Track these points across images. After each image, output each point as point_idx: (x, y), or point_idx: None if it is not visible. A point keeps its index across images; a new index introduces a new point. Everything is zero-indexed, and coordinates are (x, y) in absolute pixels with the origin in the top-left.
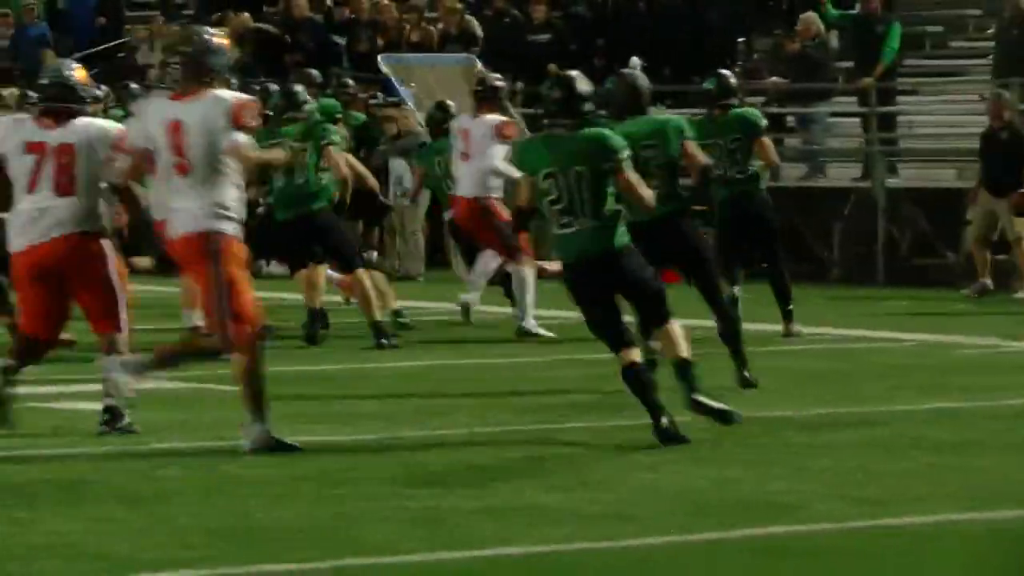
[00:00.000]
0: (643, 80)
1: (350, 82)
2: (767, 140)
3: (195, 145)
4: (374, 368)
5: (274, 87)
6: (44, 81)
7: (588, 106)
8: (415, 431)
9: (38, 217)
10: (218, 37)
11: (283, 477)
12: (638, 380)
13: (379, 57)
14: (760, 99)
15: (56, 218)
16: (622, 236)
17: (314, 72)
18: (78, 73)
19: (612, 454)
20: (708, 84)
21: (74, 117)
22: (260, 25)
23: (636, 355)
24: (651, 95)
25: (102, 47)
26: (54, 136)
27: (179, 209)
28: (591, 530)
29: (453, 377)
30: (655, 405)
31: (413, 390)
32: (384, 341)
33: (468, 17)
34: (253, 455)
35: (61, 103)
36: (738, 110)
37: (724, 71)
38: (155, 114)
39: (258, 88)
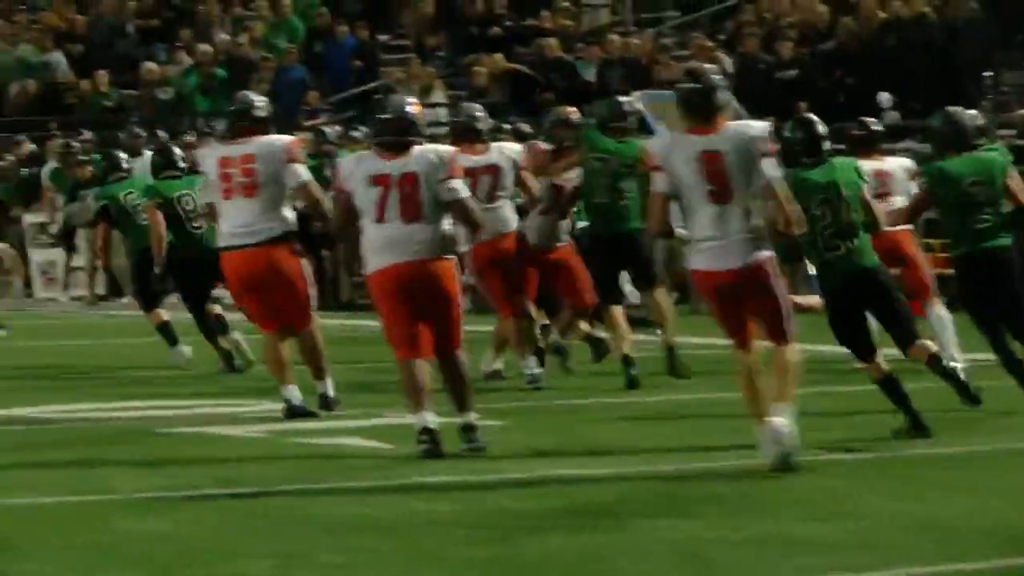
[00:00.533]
0: (967, 117)
1: None
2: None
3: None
4: (630, 402)
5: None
6: (386, 116)
7: (826, 144)
8: (674, 464)
9: (390, 244)
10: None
11: (546, 510)
12: (895, 388)
13: (635, 93)
14: (1011, 131)
15: (408, 243)
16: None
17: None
18: (415, 108)
19: (862, 483)
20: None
21: (410, 148)
22: (513, 65)
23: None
24: (976, 131)
25: (358, 90)
26: (396, 167)
27: None
28: (844, 559)
29: (709, 410)
30: (911, 409)
31: (670, 423)
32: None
33: (718, 54)
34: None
35: (402, 136)
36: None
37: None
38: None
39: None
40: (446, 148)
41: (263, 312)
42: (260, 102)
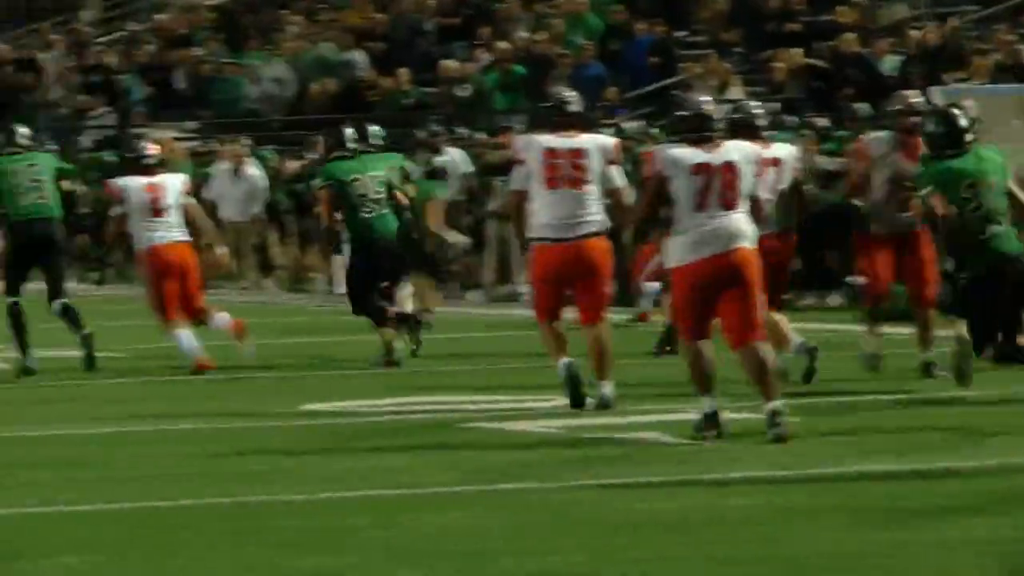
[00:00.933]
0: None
1: None
2: None
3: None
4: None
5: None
6: (684, 114)
7: (969, 136)
8: (974, 461)
9: (714, 231)
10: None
11: (844, 506)
12: None
13: (930, 89)
14: None
15: (730, 231)
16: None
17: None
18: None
19: None
20: None
21: (717, 141)
22: (811, 60)
23: None
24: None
25: (655, 86)
26: (716, 157)
27: None
28: None
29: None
30: None
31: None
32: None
33: (1021, 48)
34: None
35: (701, 132)
36: None
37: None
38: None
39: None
40: (751, 146)
41: (559, 303)
42: (572, 97)
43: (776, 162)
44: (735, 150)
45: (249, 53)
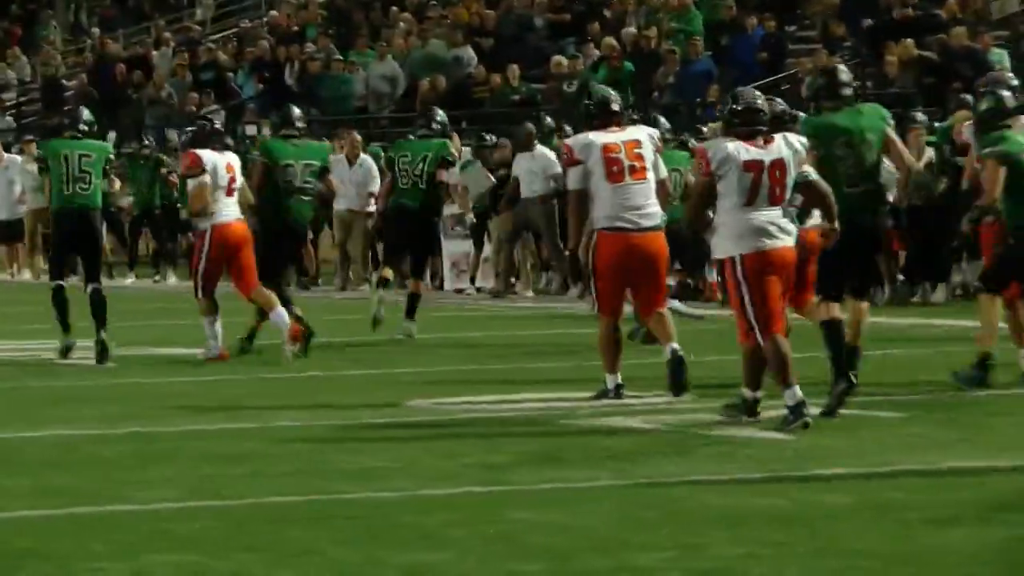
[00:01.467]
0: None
1: None
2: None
3: None
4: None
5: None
6: (738, 108)
7: (847, 91)
8: None
9: (763, 225)
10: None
11: (948, 501)
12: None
13: None
14: None
15: (774, 227)
16: None
17: None
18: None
19: None
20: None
21: (770, 137)
22: (923, 53)
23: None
24: None
25: (766, 80)
26: (767, 154)
27: None
28: None
29: None
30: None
31: None
32: None
33: None
34: None
35: (754, 126)
36: None
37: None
38: None
39: None
40: (800, 140)
41: (620, 296)
42: (614, 96)
43: None
44: (784, 147)
45: (359, 51)
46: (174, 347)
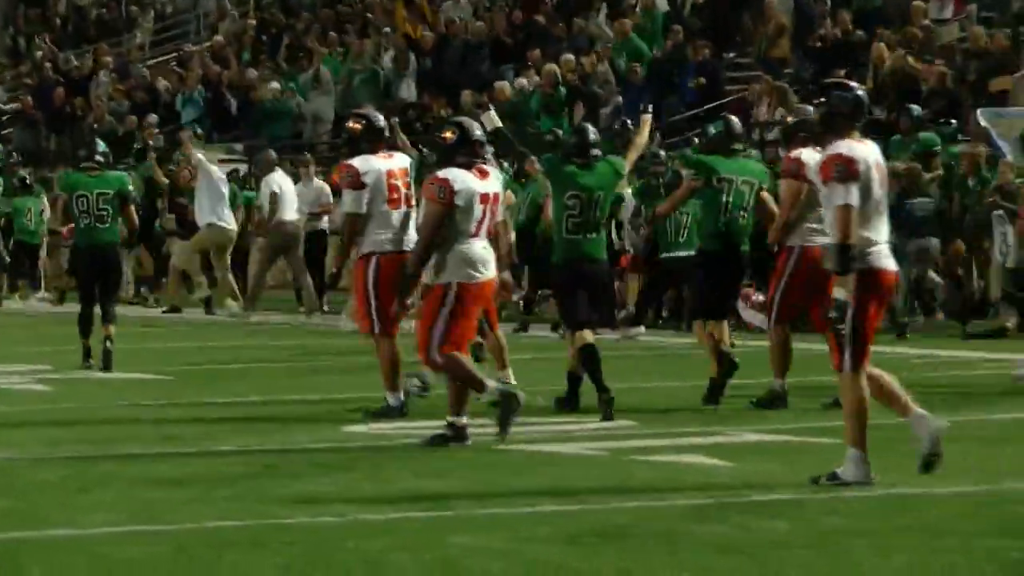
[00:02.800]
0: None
1: None
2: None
3: None
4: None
5: None
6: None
7: (595, 150)
8: (1015, 483)
9: None
10: None
11: (887, 528)
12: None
13: (977, 111)
14: None
15: None
16: None
17: None
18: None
19: None
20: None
21: None
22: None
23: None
24: None
25: (703, 108)
26: None
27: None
28: None
29: None
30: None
31: (1011, 441)
32: None
33: None
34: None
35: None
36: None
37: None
38: None
39: None
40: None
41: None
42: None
43: None
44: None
45: (295, 74)
46: (116, 371)
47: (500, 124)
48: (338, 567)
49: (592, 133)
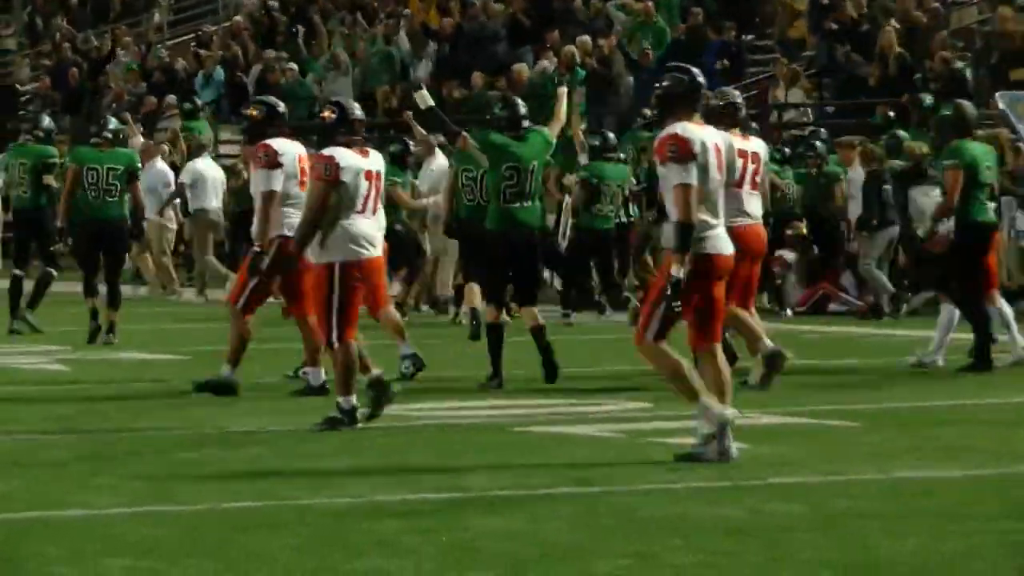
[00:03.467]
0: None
1: None
2: None
3: None
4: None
5: None
6: None
7: (526, 122)
8: None
9: None
10: None
11: (899, 511)
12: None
13: (996, 95)
14: None
15: None
16: None
17: None
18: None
19: None
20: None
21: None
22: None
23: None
24: None
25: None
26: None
27: None
28: None
29: None
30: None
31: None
32: None
33: None
34: None
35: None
36: None
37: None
38: None
39: None
40: None
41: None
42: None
43: (756, 157)
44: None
45: (314, 56)
46: (130, 351)
47: (432, 103)
48: (353, 548)
49: (522, 107)
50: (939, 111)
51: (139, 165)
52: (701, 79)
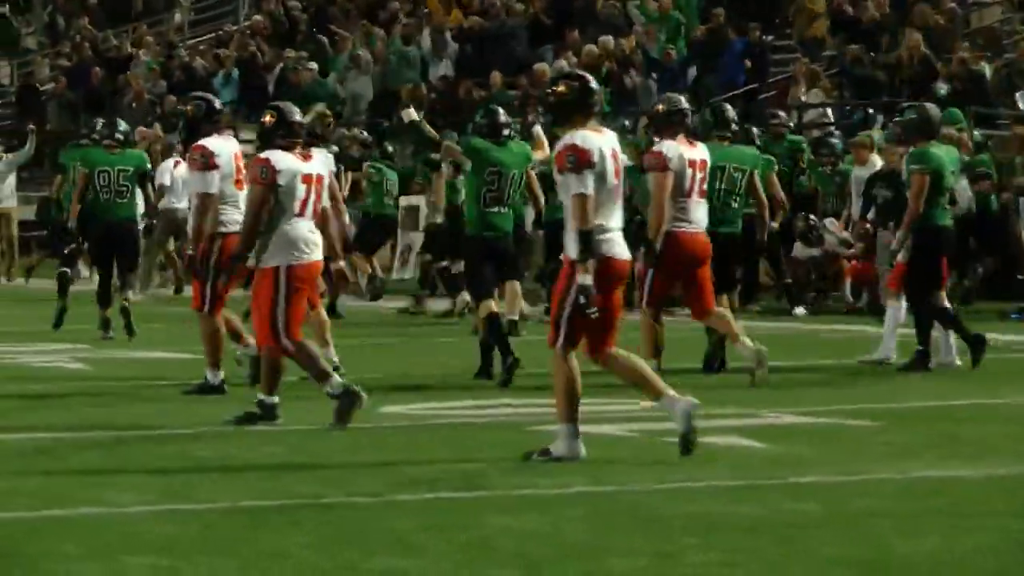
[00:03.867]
0: None
1: None
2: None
3: None
4: (1003, 404)
5: None
6: None
7: (507, 131)
8: None
9: None
10: None
11: (915, 510)
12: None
13: (1016, 94)
14: None
15: None
16: None
17: None
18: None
19: None
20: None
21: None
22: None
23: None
24: None
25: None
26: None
27: None
28: None
29: None
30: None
31: None
32: None
33: None
34: None
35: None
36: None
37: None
38: None
39: None
40: None
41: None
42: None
43: (703, 164)
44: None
45: (334, 55)
46: (151, 350)
47: (416, 118)
48: (371, 546)
49: (502, 115)
50: (953, 105)
51: (149, 166)
52: (594, 85)
